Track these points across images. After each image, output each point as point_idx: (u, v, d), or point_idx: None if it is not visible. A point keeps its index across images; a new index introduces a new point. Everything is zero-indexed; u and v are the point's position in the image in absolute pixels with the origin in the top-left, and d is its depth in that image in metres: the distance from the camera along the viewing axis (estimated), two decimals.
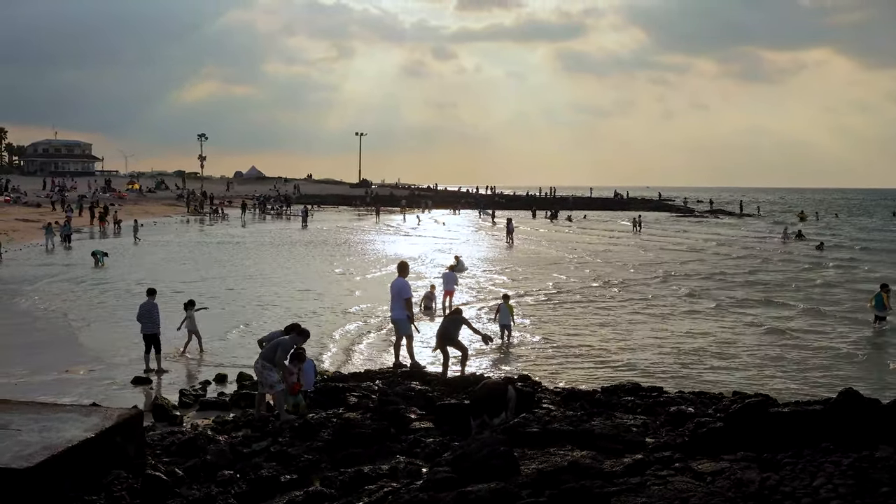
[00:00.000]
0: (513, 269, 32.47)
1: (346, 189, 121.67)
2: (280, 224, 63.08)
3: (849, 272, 34.04)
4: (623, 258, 38.34)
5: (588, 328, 19.83)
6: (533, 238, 51.76)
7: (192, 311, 16.15)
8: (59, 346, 16.85)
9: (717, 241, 51.61)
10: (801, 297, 26.07)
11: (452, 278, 22.17)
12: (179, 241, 44.30)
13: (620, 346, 17.54)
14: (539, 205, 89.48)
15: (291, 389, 11.15)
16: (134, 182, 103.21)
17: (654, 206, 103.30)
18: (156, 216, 65.06)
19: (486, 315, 20.30)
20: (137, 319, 14.96)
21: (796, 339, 18.82)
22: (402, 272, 14.95)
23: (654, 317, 21.56)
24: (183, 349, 16.01)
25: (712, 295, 26.00)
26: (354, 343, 17.68)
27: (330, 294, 24.86)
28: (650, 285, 28.37)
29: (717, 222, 76.75)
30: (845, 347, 17.92)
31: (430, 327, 17.70)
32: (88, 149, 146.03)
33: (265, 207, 79.68)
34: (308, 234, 50.68)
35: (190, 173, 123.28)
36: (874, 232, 64.12)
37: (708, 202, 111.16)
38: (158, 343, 14.73)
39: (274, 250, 39.39)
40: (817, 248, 45.24)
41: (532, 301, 23.91)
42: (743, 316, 22.08)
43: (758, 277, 31.12)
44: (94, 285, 26.12)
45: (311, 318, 19.64)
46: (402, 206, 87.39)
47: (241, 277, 28.57)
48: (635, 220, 61.63)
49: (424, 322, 18.68)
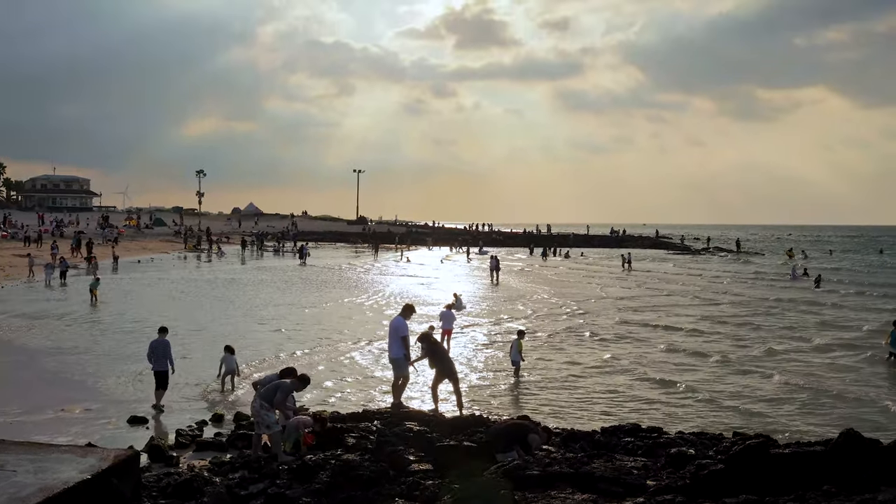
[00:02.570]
0: (490, 308, 32.36)
1: (343, 226, 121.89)
2: (278, 261, 63.08)
3: (853, 307, 34.17)
4: (610, 294, 38.84)
5: (583, 366, 19.78)
6: (521, 276, 51.59)
7: (228, 354, 16.27)
8: (54, 384, 16.73)
9: (717, 277, 51.87)
10: (806, 333, 26.16)
11: (451, 317, 22.10)
12: (175, 277, 44.23)
13: (617, 385, 17.48)
14: (537, 242, 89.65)
15: (305, 440, 11.10)
16: (132, 218, 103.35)
17: (651, 243, 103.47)
18: (153, 252, 65.07)
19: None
20: (147, 357, 14.99)
21: (801, 376, 18.78)
22: (404, 312, 14.91)
23: (650, 353, 21.52)
24: (222, 386, 16.10)
25: (712, 332, 26.02)
26: (353, 383, 17.59)
27: (340, 333, 24.78)
28: (639, 321, 28.41)
29: (718, 260, 76.88)
30: (853, 385, 17.90)
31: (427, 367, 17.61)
32: (87, 184, 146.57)
33: (262, 244, 79.76)
34: (306, 272, 50.66)
35: (188, 209, 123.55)
36: (874, 268, 64.32)
37: (705, 239, 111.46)
38: (166, 381, 14.78)
39: (273, 288, 39.33)
40: (815, 284, 45.31)
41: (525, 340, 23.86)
42: (743, 352, 22.08)
43: (763, 317, 31.12)
44: (89, 322, 26.05)
45: (306, 357, 19.58)
46: (396, 243, 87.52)
47: (240, 316, 28.50)
48: (624, 258, 61.99)
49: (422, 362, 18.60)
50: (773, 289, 43.59)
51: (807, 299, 37.60)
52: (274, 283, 42.10)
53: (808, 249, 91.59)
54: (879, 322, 28.65)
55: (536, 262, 67.06)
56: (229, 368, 16.22)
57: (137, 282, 40.80)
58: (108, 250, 56.21)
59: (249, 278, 44.61)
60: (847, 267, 64.77)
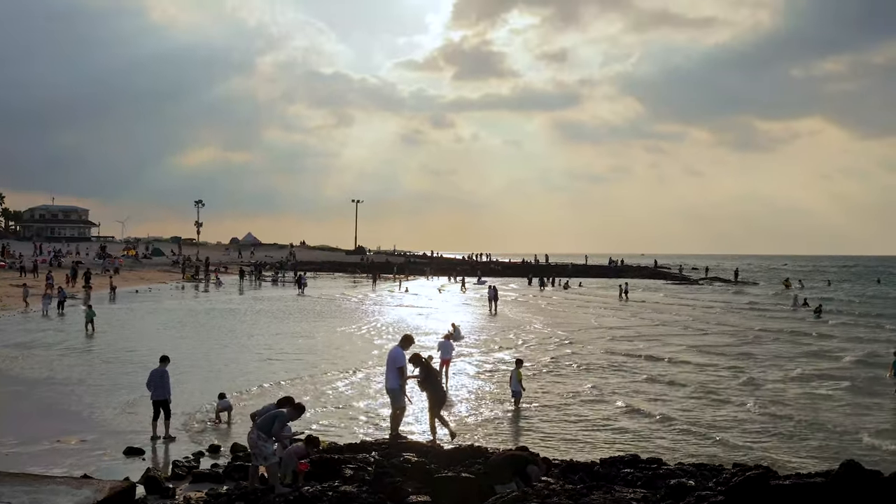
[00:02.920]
0: (483, 338, 32.26)
1: (341, 256, 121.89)
2: (276, 291, 63.01)
3: (843, 337, 34.19)
4: (603, 324, 38.92)
5: (573, 395, 19.71)
6: (517, 305, 51.46)
7: (221, 401, 16.29)
8: (50, 414, 16.64)
9: (710, 307, 51.88)
10: (790, 363, 26.17)
11: (450, 347, 22.03)
12: (172, 307, 44.14)
13: (615, 414, 17.40)
14: (535, 272, 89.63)
15: (298, 468, 11.04)
16: (130, 248, 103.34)
17: (649, 273, 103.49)
18: (151, 282, 64.99)
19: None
20: (147, 386, 14.96)
21: (776, 405, 18.71)
22: (402, 343, 14.88)
23: (627, 384, 21.49)
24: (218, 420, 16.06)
25: (695, 362, 25.98)
26: (350, 413, 17.50)
27: (329, 362, 24.70)
28: (625, 351, 28.42)
29: (713, 289, 76.95)
30: (829, 413, 17.88)
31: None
32: (85, 214, 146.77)
33: (260, 274, 79.70)
34: (304, 302, 50.60)
35: (186, 239, 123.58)
36: (868, 299, 64.34)
37: (704, 269, 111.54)
38: (168, 409, 14.71)
39: (269, 318, 39.24)
40: (815, 314, 45.25)
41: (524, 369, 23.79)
42: (724, 381, 22.12)
43: (749, 346, 31.11)
44: (85, 352, 25.95)
45: (303, 386, 19.49)
46: (394, 273, 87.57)
47: (235, 345, 28.42)
48: (622, 288, 62.14)
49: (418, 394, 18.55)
50: (764, 318, 43.49)
51: (795, 329, 37.56)
52: (270, 312, 42.01)
53: (805, 279, 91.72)
54: (863, 352, 28.79)
55: (533, 293, 67.04)
56: (224, 406, 16.20)
57: (134, 312, 40.70)
58: (105, 280, 56.07)
59: (246, 308, 44.53)
60: (841, 297, 64.71)
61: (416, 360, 14.61)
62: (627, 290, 61.44)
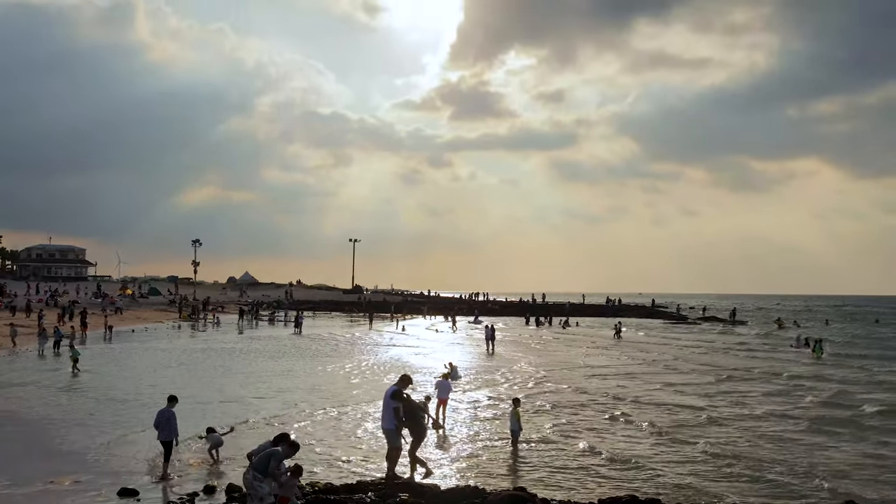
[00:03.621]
0: (477, 377, 32.05)
1: (338, 295, 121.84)
2: (273, 330, 62.84)
3: (859, 378, 34.00)
4: (589, 363, 38.92)
5: (575, 436, 19.58)
6: (510, 345, 51.02)
7: (210, 435, 16.15)
8: (43, 455, 16.48)
9: (697, 347, 51.91)
10: (756, 401, 26.05)
11: (447, 387, 21.90)
12: (168, 347, 43.97)
13: (611, 453, 17.28)
14: (532, 312, 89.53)
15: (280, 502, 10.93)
16: (126, 287, 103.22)
17: (646, 312, 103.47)
18: (148, 322, 64.82)
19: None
20: (154, 426, 14.89)
21: (732, 445, 18.50)
22: (400, 383, 14.84)
23: (645, 424, 21.33)
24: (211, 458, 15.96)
25: (660, 403, 25.74)
26: (346, 453, 17.37)
27: (322, 398, 24.57)
28: (599, 390, 28.31)
29: (701, 329, 76.77)
30: (784, 454, 17.66)
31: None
32: (82, 254, 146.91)
33: (258, 313, 79.59)
34: (300, 341, 50.45)
35: (183, 278, 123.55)
36: (868, 339, 64.23)
37: (700, 309, 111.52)
38: (169, 450, 14.65)
39: (265, 357, 39.07)
40: (816, 354, 45.01)
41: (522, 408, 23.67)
42: (745, 423, 21.90)
43: (725, 384, 31.09)
44: (79, 392, 25.75)
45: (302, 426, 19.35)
46: (391, 312, 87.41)
47: (236, 386, 28.26)
48: (616, 327, 62.27)
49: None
50: (748, 358, 43.14)
51: (774, 368, 37.22)
52: (266, 352, 41.81)
53: (798, 319, 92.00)
54: (830, 392, 28.63)
55: (529, 332, 66.93)
56: (215, 442, 16.08)
57: (130, 351, 40.52)
58: (101, 320, 55.87)
59: (242, 347, 44.32)
60: (836, 338, 64.35)
61: (398, 396, 14.52)
62: (621, 330, 61.64)
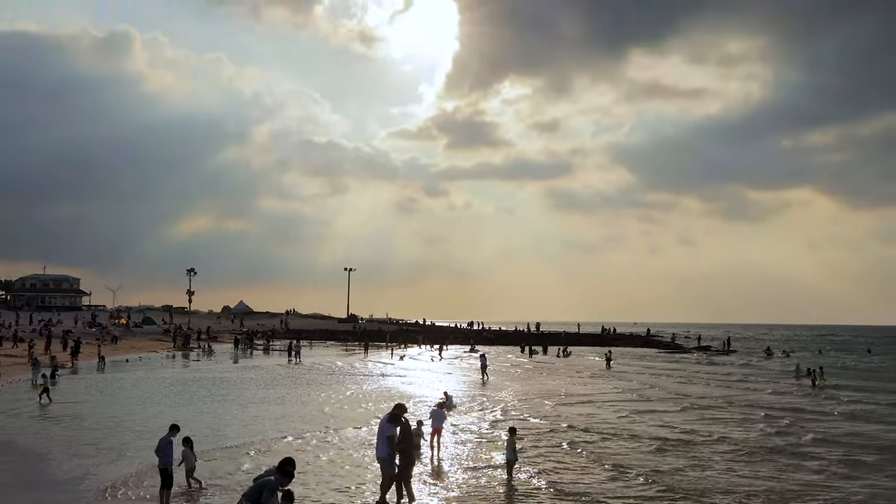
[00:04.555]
0: (470, 406, 32.02)
1: (333, 324, 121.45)
2: (267, 360, 62.55)
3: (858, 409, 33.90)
4: (569, 391, 39.11)
5: (570, 466, 19.51)
6: (502, 374, 50.78)
7: (187, 448, 15.96)
8: (34, 485, 16.35)
9: (685, 375, 52.10)
10: (734, 432, 25.80)
11: (441, 416, 21.80)
12: (161, 377, 43.71)
13: (608, 480, 17.21)
14: (528, 341, 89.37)
15: None
16: (120, 317, 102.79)
17: (641, 342, 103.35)
18: (142, 351, 64.51)
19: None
20: (155, 453, 14.91)
21: (668, 476, 18.27)
22: (394, 412, 14.80)
23: (593, 454, 21.30)
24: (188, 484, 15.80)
25: (634, 429, 25.76)
26: (338, 481, 17.24)
27: (314, 425, 24.45)
28: (565, 417, 28.25)
29: (695, 359, 76.65)
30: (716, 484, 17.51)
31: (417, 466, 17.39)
32: (76, 283, 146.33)
33: (252, 343, 79.29)
34: (294, 370, 50.26)
35: (178, 307, 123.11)
36: (855, 369, 64.26)
37: (696, 338, 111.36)
38: (164, 479, 14.52)
39: (257, 387, 38.84)
40: (813, 384, 44.96)
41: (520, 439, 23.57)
42: (630, 449, 21.90)
43: (686, 413, 31.11)
44: (69, 422, 25.45)
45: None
46: (387, 341, 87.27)
47: (225, 414, 28.09)
48: (607, 356, 62.89)
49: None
50: (743, 389, 42.96)
51: (747, 398, 37.17)
52: (260, 381, 41.59)
53: (787, 348, 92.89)
54: (780, 424, 28.28)
55: (521, 361, 67.16)
56: (189, 465, 15.85)
57: (123, 381, 40.24)
58: (95, 349, 55.53)
59: (235, 377, 44.01)
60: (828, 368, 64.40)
61: (395, 420, 14.49)
62: (611, 359, 62.23)
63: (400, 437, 14.52)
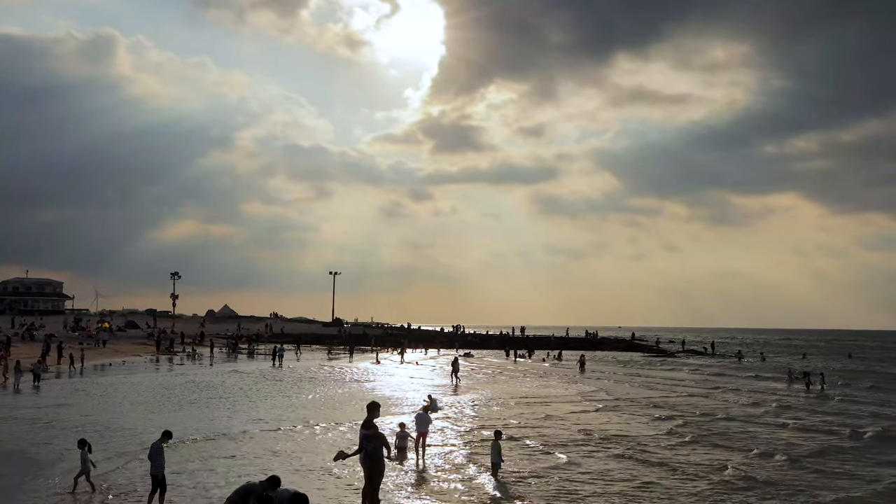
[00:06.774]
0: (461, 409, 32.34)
1: (318, 328, 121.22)
2: (251, 364, 62.31)
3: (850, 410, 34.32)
4: (537, 394, 39.38)
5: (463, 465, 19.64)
6: (476, 378, 51.12)
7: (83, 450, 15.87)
8: (16, 491, 16.29)
9: (652, 378, 52.50)
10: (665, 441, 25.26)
11: (426, 419, 21.83)
12: (142, 381, 43.50)
13: (588, 484, 17.33)
14: (513, 345, 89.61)
15: None
16: (104, 321, 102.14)
17: (626, 346, 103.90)
18: (125, 356, 64.13)
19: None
20: (149, 458, 14.83)
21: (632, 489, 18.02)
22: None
23: (636, 461, 21.41)
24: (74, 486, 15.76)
25: (571, 434, 25.89)
26: (322, 486, 17.29)
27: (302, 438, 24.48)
28: (515, 419, 28.39)
29: (689, 363, 77.25)
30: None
31: (400, 470, 17.42)
32: (59, 287, 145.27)
33: (237, 347, 78.99)
34: (277, 374, 50.17)
35: (161, 312, 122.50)
36: (847, 372, 64.87)
37: (680, 342, 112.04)
38: (162, 484, 14.45)
39: (238, 391, 38.75)
40: (807, 387, 45.43)
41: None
42: (580, 454, 21.96)
43: (647, 421, 30.42)
44: (55, 427, 25.38)
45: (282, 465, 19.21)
46: (371, 345, 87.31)
47: (206, 419, 28.04)
48: (581, 359, 63.97)
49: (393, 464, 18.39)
50: (679, 389, 43.58)
51: (700, 404, 36.90)
52: (242, 385, 41.49)
53: (764, 352, 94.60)
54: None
55: (504, 365, 67.60)
56: (85, 468, 15.69)
57: (104, 386, 39.98)
58: (78, 353, 55.13)
59: (218, 381, 43.85)
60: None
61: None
62: (584, 362, 63.27)
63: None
